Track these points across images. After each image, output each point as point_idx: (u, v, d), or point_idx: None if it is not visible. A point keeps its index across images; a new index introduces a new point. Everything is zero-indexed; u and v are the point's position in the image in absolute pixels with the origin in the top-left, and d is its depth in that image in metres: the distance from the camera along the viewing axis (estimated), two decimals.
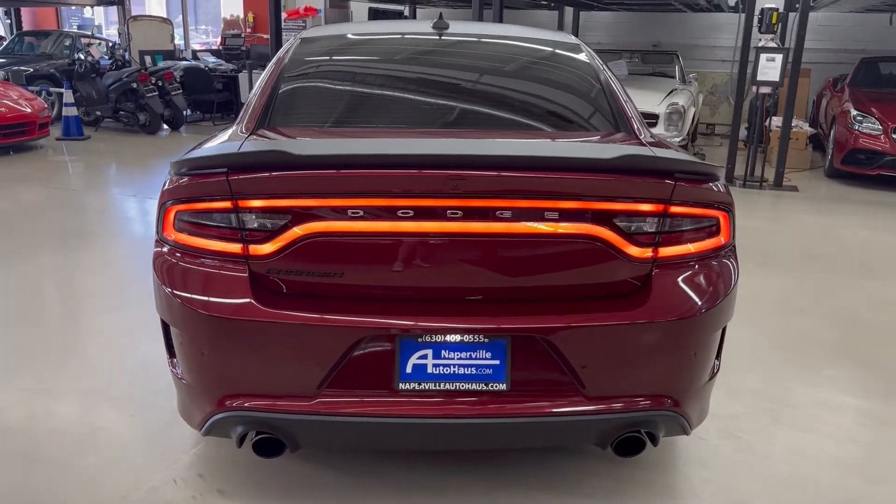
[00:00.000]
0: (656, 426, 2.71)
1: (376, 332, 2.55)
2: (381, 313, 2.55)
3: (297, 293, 2.61)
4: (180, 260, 2.64)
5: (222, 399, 2.63)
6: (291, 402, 2.59)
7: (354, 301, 2.59)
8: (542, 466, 3.24)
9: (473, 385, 2.59)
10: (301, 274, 2.58)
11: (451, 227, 2.51)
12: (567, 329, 2.55)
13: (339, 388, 2.59)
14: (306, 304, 2.57)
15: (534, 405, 2.60)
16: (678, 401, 2.71)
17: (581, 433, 2.76)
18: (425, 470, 3.20)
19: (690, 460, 3.36)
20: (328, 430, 2.64)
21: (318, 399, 2.58)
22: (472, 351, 2.58)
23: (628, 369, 2.64)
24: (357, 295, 2.61)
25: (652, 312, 2.60)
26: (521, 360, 2.59)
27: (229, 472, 3.17)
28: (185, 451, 3.28)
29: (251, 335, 2.55)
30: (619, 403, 2.65)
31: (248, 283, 2.57)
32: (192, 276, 2.63)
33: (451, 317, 2.56)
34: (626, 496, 3.09)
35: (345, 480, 3.13)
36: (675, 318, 2.61)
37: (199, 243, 2.62)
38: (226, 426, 2.67)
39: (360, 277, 2.59)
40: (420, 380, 2.58)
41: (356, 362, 2.56)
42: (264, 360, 2.58)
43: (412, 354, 2.57)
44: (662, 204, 2.59)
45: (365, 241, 2.54)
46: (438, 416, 2.59)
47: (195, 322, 2.59)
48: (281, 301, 2.57)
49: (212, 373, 2.64)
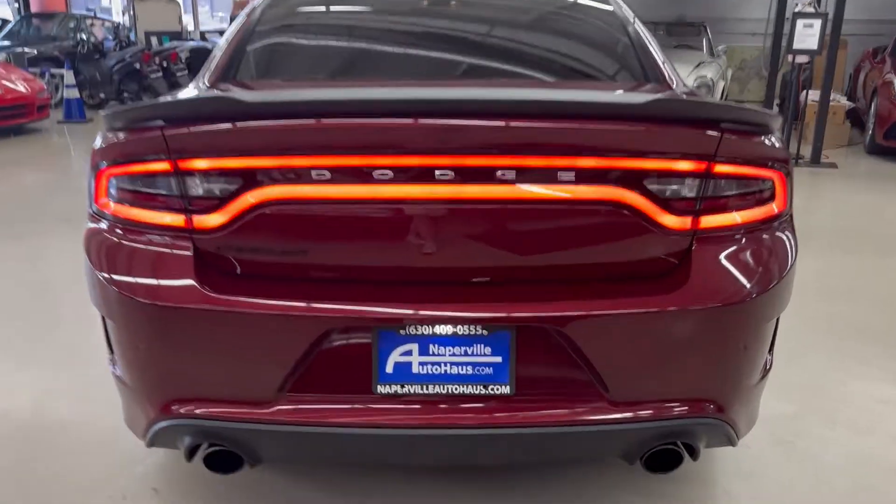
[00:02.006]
0: (696, 436, 2.20)
1: (348, 322, 2.06)
2: (355, 299, 2.06)
3: (251, 275, 2.12)
4: (113, 236, 2.17)
5: (167, 404, 2.16)
6: (247, 408, 2.11)
7: (321, 284, 2.11)
8: (558, 479, 2.74)
9: (470, 388, 2.09)
10: (256, 251, 2.10)
11: (439, 192, 2.01)
12: (586, 318, 2.05)
13: (304, 392, 2.11)
14: (262, 289, 2.08)
15: (544, 413, 2.10)
16: (723, 405, 2.19)
17: (603, 446, 2.26)
18: (426, 482, 2.71)
19: (733, 471, 2.85)
20: (292, 442, 2.16)
21: (279, 405, 2.10)
22: (467, 346, 2.08)
23: (662, 368, 2.13)
24: (324, 277, 2.12)
25: (692, 297, 2.08)
26: (528, 356, 2.09)
27: (190, 484, 2.71)
28: (140, 461, 2.82)
29: (196, 326, 2.08)
30: (650, 410, 2.14)
31: (191, 263, 2.09)
32: (126, 256, 2.15)
33: (442, 303, 2.06)
34: None
35: (327, 498, 2.64)
36: (721, 305, 2.10)
37: (134, 215, 2.15)
38: (172, 436, 2.20)
39: (327, 256, 2.10)
40: (403, 381, 2.09)
41: (325, 360, 2.08)
42: (213, 357, 2.10)
43: (393, 350, 2.08)
44: (705, 161, 2.07)
45: (333, 211, 2.05)
46: (426, 427, 2.10)
47: (129, 311, 2.12)
48: (231, 285, 2.09)
49: (152, 372, 2.17)
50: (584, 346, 2.05)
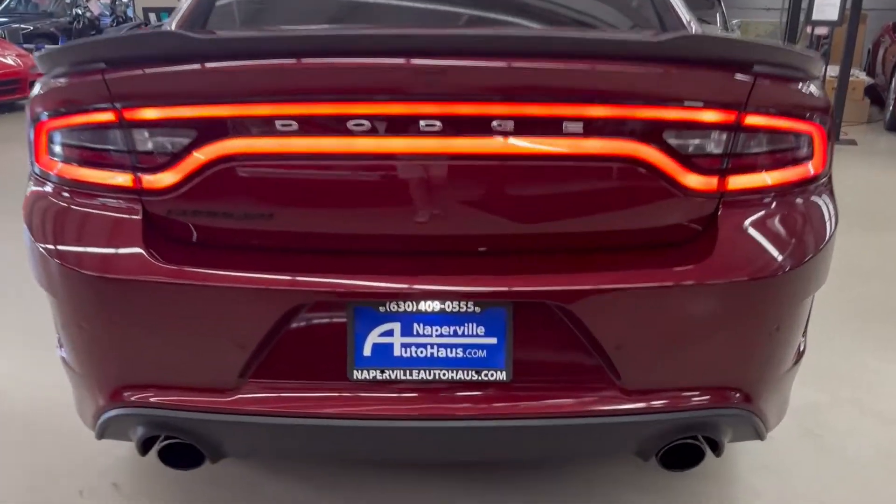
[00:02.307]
0: (720, 429, 1.92)
1: (319, 297, 1.78)
2: (326, 271, 1.79)
3: (208, 244, 1.84)
4: (56, 201, 1.89)
5: (116, 391, 1.89)
6: (205, 396, 1.84)
7: (288, 254, 1.83)
8: (561, 476, 2.46)
9: (460, 374, 1.82)
10: (213, 216, 1.82)
11: (425, 146, 1.73)
12: (595, 293, 1.76)
13: (269, 379, 1.84)
14: (220, 259, 1.81)
15: (546, 402, 1.83)
16: (751, 394, 1.91)
17: (614, 441, 1.98)
18: (418, 479, 2.44)
19: (757, 466, 2.57)
20: (256, 434, 1.89)
21: (241, 393, 1.83)
22: (457, 325, 1.80)
23: (682, 351, 1.85)
24: (292, 246, 1.84)
25: (717, 270, 1.79)
26: (528, 337, 1.81)
27: (153, 480, 2.46)
28: (104, 453, 2.55)
29: (144, 302, 1.80)
30: (667, 399, 1.86)
31: (139, 229, 1.81)
32: (67, 224, 1.88)
33: (428, 275, 1.78)
34: None
35: (306, 495, 2.38)
36: (750, 279, 1.81)
37: (79, 176, 1.87)
38: (123, 426, 1.93)
39: (294, 221, 1.82)
40: (383, 366, 1.81)
41: (292, 342, 1.81)
42: (165, 337, 1.83)
43: (371, 330, 1.80)
44: (734, 111, 1.77)
45: (301, 168, 1.77)
46: (409, 418, 1.82)
47: (69, 285, 1.84)
48: (185, 254, 1.81)
49: (98, 355, 1.90)
50: (591, 326, 1.76)
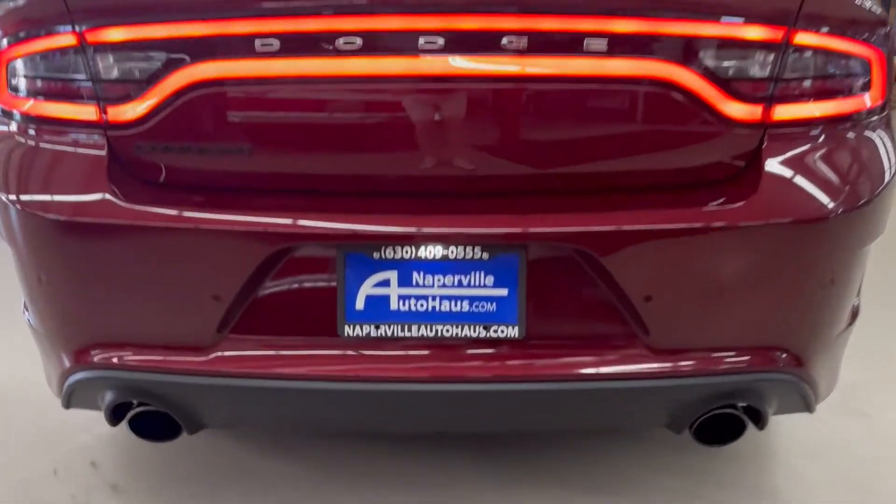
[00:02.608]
0: (763, 397, 1.68)
1: (304, 239, 1.57)
2: (313, 210, 1.57)
3: (180, 184, 1.63)
4: (13, 140, 1.69)
5: (81, 351, 1.69)
6: (178, 355, 1.63)
7: (270, 194, 1.61)
8: (583, 457, 2.23)
9: (465, 330, 1.60)
10: (186, 152, 1.61)
11: (424, 66, 1.51)
12: (622, 235, 1.53)
13: (249, 334, 1.63)
14: (193, 199, 1.60)
15: (563, 363, 1.59)
16: (800, 357, 1.66)
17: (641, 409, 1.74)
18: (419, 456, 2.21)
19: (798, 448, 2.31)
20: (234, 400, 1.68)
21: (218, 351, 1.61)
22: (463, 274, 1.58)
23: (721, 305, 1.61)
24: (274, 185, 1.62)
25: (762, 209, 1.56)
26: (543, 288, 1.59)
27: (135, 460, 2.25)
28: (85, 429, 2.35)
29: (109, 248, 1.61)
30: (703, 361, 1.62)
31: (104, 167, 1.61)
32: (24, 164, 1.69)
33: (429, 215, 1.55)
34: (707, 500, 2.06)
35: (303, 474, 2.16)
36: (801, 221, 1.56)
37: (37, 111, 1.67)
38: (90, 391, 1.73)
39: (277, 156, 1.61)
40: (378, 321, 1.59)
41: (276, 293, 1.61)
42: (133, 287, 1.62)
43: (365, 280, 1.59)
44: (782, 28, 1.53)
45: (284, 95, 1.55)
46: (407, 380, 1.60)
47: (28, 231, 1.64)
48: (154, 195, 1.60)
49: (62, 310, 1.70)
50: (617, 274, 1.53)
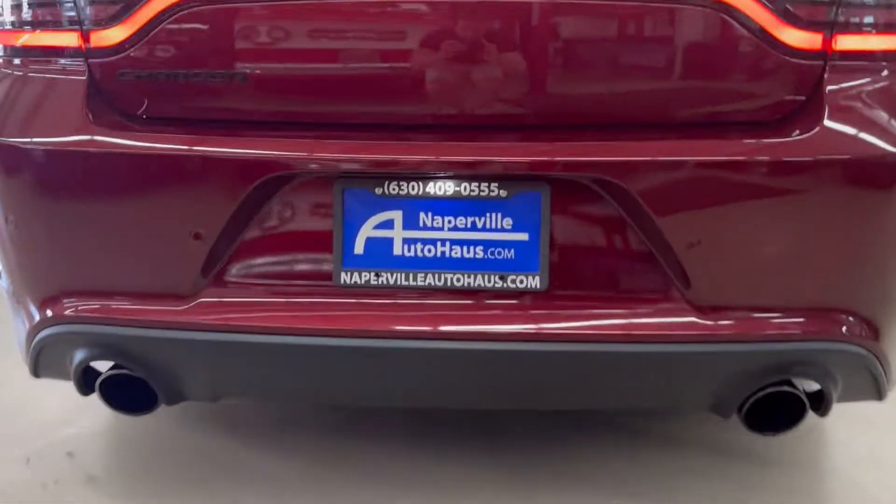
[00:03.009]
0: (826, 373, 1.44)
1: (297, 170, 1.38)
2: (307, 137, 1.38)
3: (164, 115, 1.46)
4: None
5: (50, 301, 1.50)
6: (157, 304, 1.44)
7: (260, 125, 1.43)
8: (607, 457, 1.97)
9: (479, 280, 1.39)
10: (171, 79, 1.44)
11: None
12: (664, 167, 1.33)
13: (234, 282, 1.43)
14: (176, 128, 1.43)
15: (591, 320, 1.38)
16: (871, 323, 1.43)
17: (681, 380, 1.50)
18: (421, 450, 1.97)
19: (853, 456, 2.03)
20: (217, 359, 1.48)
21: (201, 299, 1.42)
22: (477, 214, 1.38)
23: (776, 256, 1.38)
24: (266, 115, 1.44)
25: (827, 145, 1.35)
26: (569, 232, 1.39)
27: (115, 452, 2.06)
28: (67, 421, 2.15)
29: (84, 180, 1.44)
30: (753, 323, 1.39)
31: (83, 95, 1.45)
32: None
33: (438, 142, 1.36)
34: None
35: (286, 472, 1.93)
36: (870, 159, 1.35)
37: (17, 40, 1.52)
38: (59, 352, 1.55)
39: (271, 81, 1.43)
40: (379, 267, 1.40)
41: (265, 233, 1.42)
42: (108, 226, 1.45)
43: (366, 220, 1.40)
44: None
45: (279, 14, 1.39)
46: (413, 338, 1.39)
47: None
48: (134, 123, 1.44)
49: (31, 254, 1.53)
50: (658, 215, 1.33)
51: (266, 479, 1.88)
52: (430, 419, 2.15)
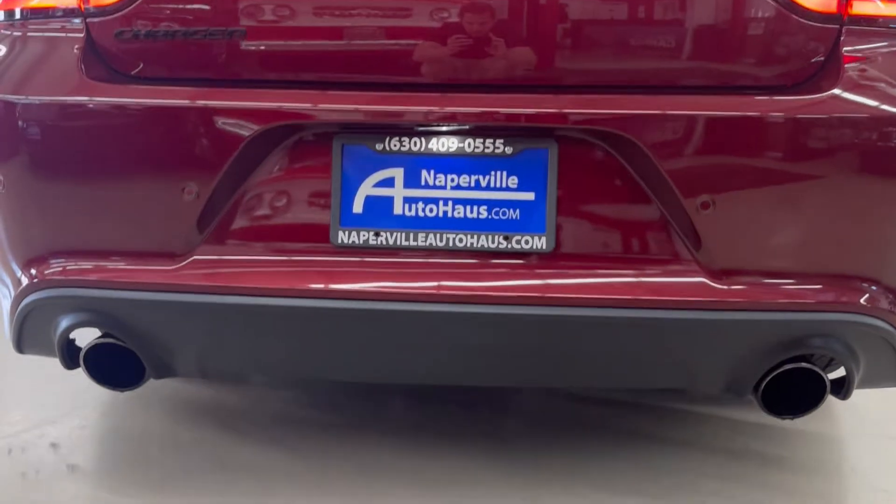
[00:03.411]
0: (847, 348, 1.37)
1: (293, 124, 1.33)
2: (304, 89, 1.34)
3: (161, 74, 1.42)
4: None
5: (34, 264, 1.44)
6: (148, 264, 1.38)
7: (258, 81, 1.39)
8: (617, 459, 1.88)
9: (483, 240, 1.33)
10: (171, 36, 1.41)
11: None
12: (677, 122, 1.28)
13: (228, 242, 1.37)
14: (172, 83, 1.39)
15: (599, 282, 1.31)
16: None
17: (694, 351, 1.42)
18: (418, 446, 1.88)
19: (877, 464, 1.93)
20: (208, 324, 1.41)
21: (193, 257, 1.36)
22: (481, 173, 1.33)
23: (790, 221, 1.32)
24: (265, 72, 1.39)
25: (845, 104, 1.30)
26: (577, 191, 1.33)
27: (100, 444, 1.98)
28: (52, 415, 2.07)
29: (73, 135, 1.39)
30: (768, 290, 1.33)
31: (81, 55, 1.42)
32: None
33: (442, 94, 1.32)
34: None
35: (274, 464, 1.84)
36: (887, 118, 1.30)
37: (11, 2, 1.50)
38: (43, 320, 1.47)
39: (270, 32, 1.40)
40: (379, 227, 1.34)
41: (260, 190, 1.37)
42: (99, 181, 1.39)
43: (365, 177, 1.35)
44: None
45: None
46: (413, 300, 1.32)
47: None
48: (131, 82, 1.40)
49: (18, 215, 1.47)
50: (670, 172, 1.28)
51: (254, 471, 1.79)
52: (428, 413, 2.07)
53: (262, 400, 2.22)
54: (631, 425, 2.06)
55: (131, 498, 1.68)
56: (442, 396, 2.18)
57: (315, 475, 1.78)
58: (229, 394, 2.21)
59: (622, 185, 1.31)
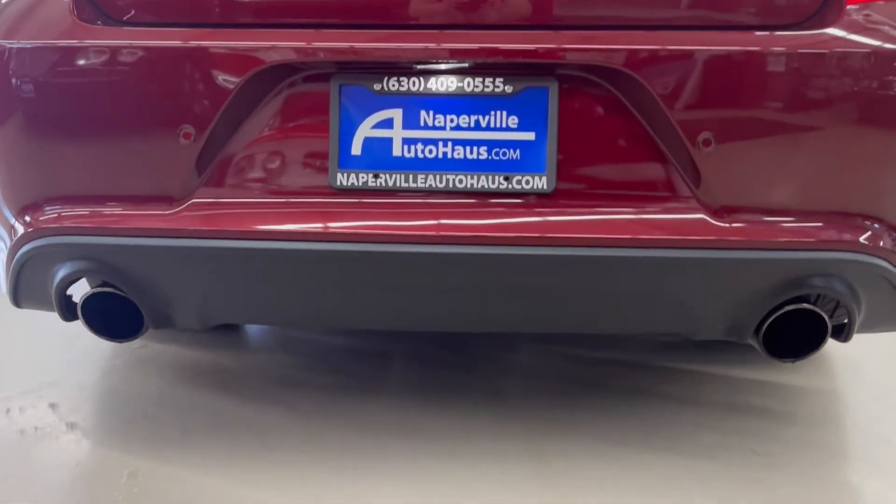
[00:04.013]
0: (849, 289, 1.36)
1: (290, 64, 1.32)
2: (300, 29, 1.32)
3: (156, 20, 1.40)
4: None
5: (29, 212, 1.43)
6: (145, 209, 1.37)
7: (253, 24, 1.37)
8: (620, 415, 1.88)
9: (483, 181, 1.32)
10: None
11: None
12: (678, 57, 1.27)
13: (225, 185, 1.37)
14: (165, 26, 1.37)
15: (599, 220, 1.31)
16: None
17: (694, 291, 1.40)
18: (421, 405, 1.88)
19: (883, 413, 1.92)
20: (207, 270, 1.40)
21: (192, 200, 1.35)
22: (481, 112, 1.32)
23: (791, 156, 1.31)
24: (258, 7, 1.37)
25: (847, 38, 1.29)
26: (577, 130, 1.32)
27: (98, 403, 1.96)
28: (53, 377, 2.06)
29: (65, 78, 1.38)
30: (769, 228, 1.32)
31: (71, 1, 1.39)
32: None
33: (441, 31, 1.30)
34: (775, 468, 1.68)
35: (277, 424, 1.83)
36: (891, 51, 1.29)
37: None
38: (40, 270, 1.45)
39: None
40: (378, 168, 1.33)
41: (257, 133, 1.35)
42: (94, 124, 1.38)
43: (364, 118, 1.33)
44: None
45: None
46: (413, 243, 1.31)
47: None
48: (124, 25, 1.38)
49: (13, 162, 1.45)
50: (668, 106, 1.27)
51: (253, 428, 1.79)
52: (428, 375, 2.07)
53: (262, 364, 2.21)
54: (630, 383, 2.06)
55: (131, 455, 1.67)
56: (442, 359, 2.18)
57: (315, 432, 1.77)
58: (228, 358, 2.21)
59: (623, 123, 1.30)
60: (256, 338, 2.41)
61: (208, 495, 1.51)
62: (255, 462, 1.63)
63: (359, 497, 1.49)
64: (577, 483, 1.56)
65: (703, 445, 1.74)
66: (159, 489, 1.52)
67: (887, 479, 1.61)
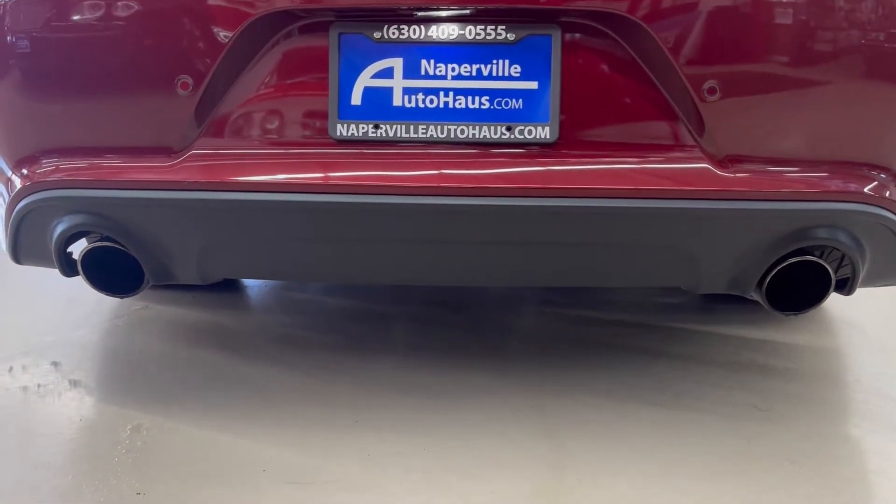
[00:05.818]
0: (853, 241, 1.35)
1: (288, 11, 1.30)
2: None
3: None
4: None
5: (26, 165, 1.41)
6: (144, 160, 1.35)
7: None
8: (623, 371, 1.88)
9: (485, 131, 1.30)
10: None
11: None
12: (679, 4, 1.25)
13: (224, 137, 1.35)
14: None
15: (604, 175, 1.29)
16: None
17: (698, 243, 1.39)
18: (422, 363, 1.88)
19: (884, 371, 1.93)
20: (206, 223, 1.39)
21: (192, 150, 1.33)
22: (483, 61, 1.30)
23: (797, 104, 1.29)
24: None
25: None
26: (581, 79, 1.30)
27: (101, 361, 1.97)
28: (55, 336, 2.06)
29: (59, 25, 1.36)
30: (773, 178, 1.30)
31: None
32: None
33: None
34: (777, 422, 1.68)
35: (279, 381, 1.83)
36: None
37: None
38: (39, 225, 1.44)
39: None
40: (378, 119, 1.31)
41: (256, 83, 1.33)
42: (90, 73, 1.36)
43: (363, 67, 1.31)
44: None
45: None
46: (413, 194, 1.30)
47: None
48: None
49: (8, 113, 1.44)
50: (672, 52, 1.25)
51: (254, 385, 1.79)
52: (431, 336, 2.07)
53: (262, 324, 2.22)
54: (634, 343, 2.06)
55: (134, 410, 1.68)
56: (443, 319, 2.18)
57: (316, 388, 1.78)
58: (229, 318, 2.21)
59: (626, 71, 1.28)
60: (257, 298, 2.41)
61: (212, 448, 1.52)
62: (257, 417, 1.64)
63: (364, 449, 1.50)
64: (578, 435, 1.57)
65: (707, 400, 1.75)
66: (162, 442, 1.53)
67: (888, 433, 1.61)
